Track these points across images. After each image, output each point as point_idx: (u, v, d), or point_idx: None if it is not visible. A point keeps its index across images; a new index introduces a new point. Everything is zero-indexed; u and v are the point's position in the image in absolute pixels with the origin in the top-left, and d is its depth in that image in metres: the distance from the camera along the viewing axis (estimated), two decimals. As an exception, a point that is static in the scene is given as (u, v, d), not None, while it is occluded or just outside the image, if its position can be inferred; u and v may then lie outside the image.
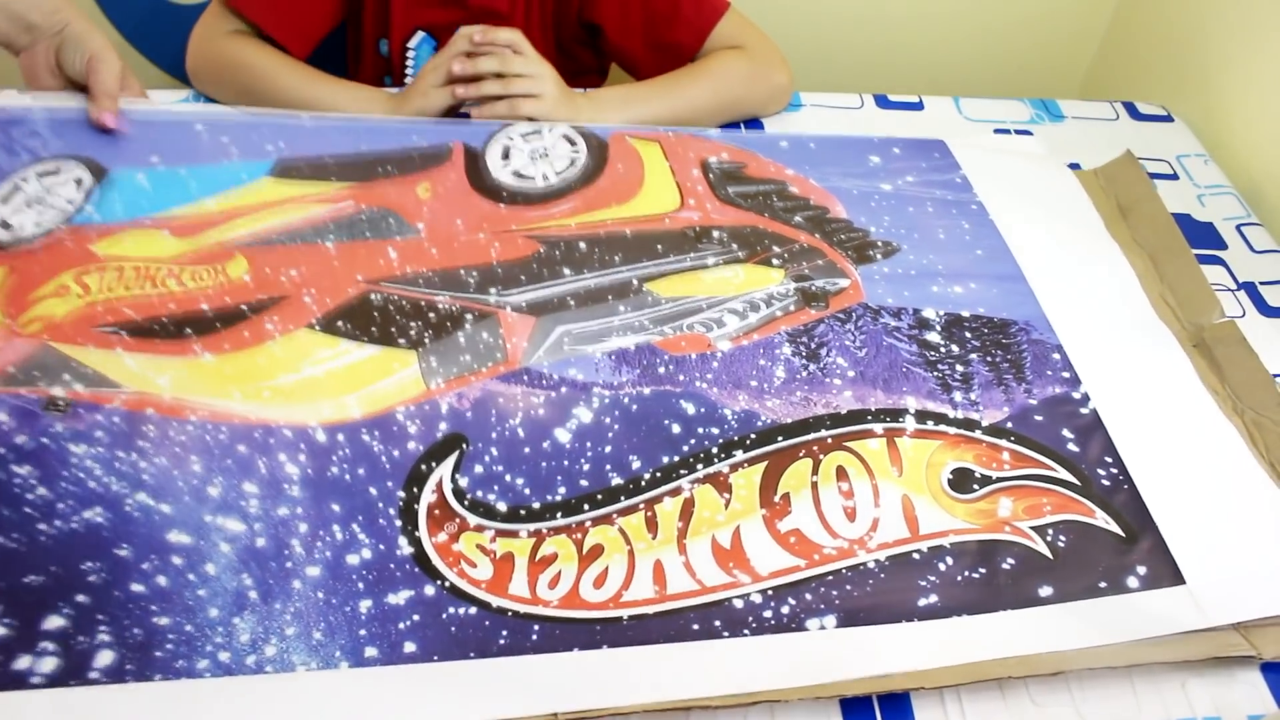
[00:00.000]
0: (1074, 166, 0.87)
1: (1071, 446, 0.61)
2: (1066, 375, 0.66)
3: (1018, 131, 0.92)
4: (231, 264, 0.66)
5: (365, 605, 0.50)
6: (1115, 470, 0.60)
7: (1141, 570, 0.55)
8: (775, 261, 0.70)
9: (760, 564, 0.53)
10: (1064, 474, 0.60)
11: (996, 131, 0.91)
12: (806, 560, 0.54)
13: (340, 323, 0.62)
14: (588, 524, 0.54)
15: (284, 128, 0.76)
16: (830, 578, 0.53)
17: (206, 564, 0.50)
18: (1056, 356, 0.67)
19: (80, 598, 0.48)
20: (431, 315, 0.63)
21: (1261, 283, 0.78)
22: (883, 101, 0.94)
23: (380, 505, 0.54)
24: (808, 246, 0.72)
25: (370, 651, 0.48)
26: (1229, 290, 0.77)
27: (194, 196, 0.71)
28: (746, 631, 0.50)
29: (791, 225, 0.73)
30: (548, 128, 0.77)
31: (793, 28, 0.94)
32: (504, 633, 0.49)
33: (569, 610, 0.50)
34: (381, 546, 0.52)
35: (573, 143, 0.76)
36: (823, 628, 0.51)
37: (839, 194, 0.77)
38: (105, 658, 0.47)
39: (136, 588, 0.49)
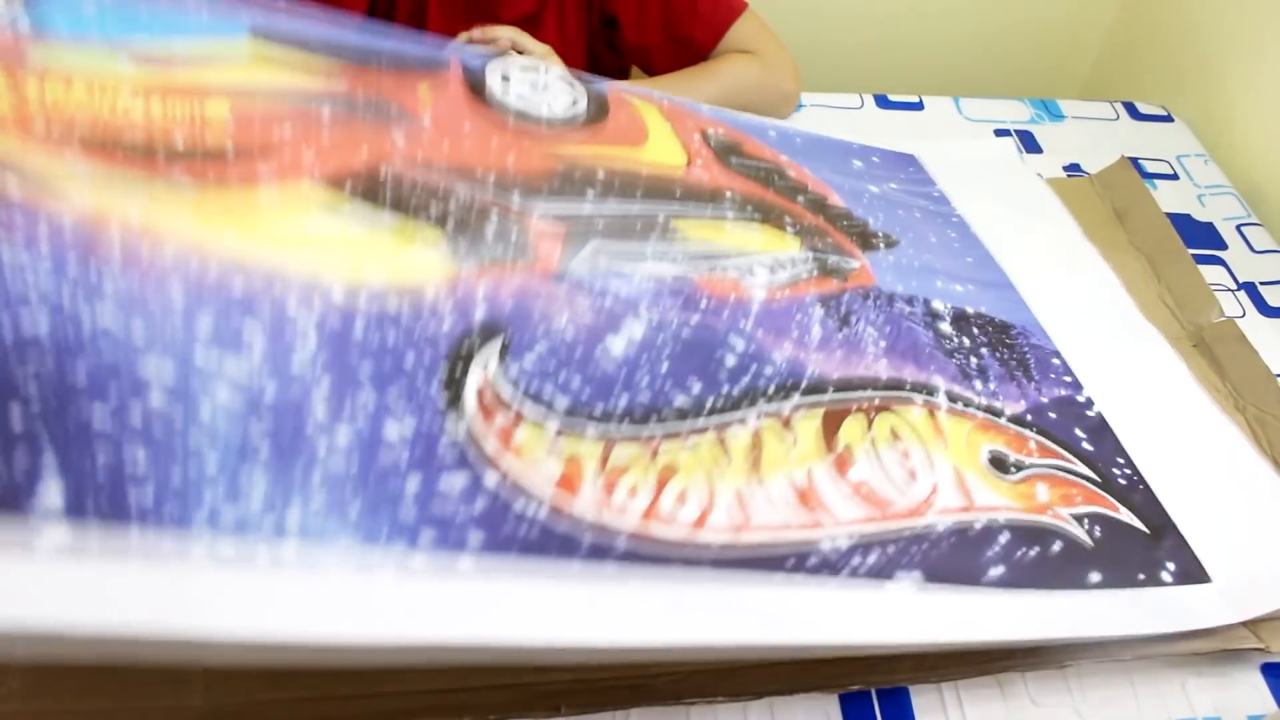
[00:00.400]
0: (1074, 166, 0.88)
1: (1086, 445, 0.61)
2: (1068, 379, 0.65)
3: (1018, 131, 0.92)
4: (211, 103, 0.53)
5: (413, 482, 0.41)
6: (1129, 471, 0.60)
7: (1171, 566, 0.55)
8: (790, 231, 0.67)
9: (838, 510, 0.50)
10: (1084, 469, 0.59)
11: (997, 132, 0.91)
12: (881, 513, 0.51)
13: (350, 184, 0.52)
14: (659, 438, 0.48)
15: (260, 10, 0.64)
16: (906, 534, 0.50)
17: (197, 402, 0.39)
18: (1056, 361, 0.66)
19: (12, 410, 0.35)
20: (451, 203, 0.54)
21: (1261, 283, 0.78)
22: (883, 101, 0.94)
23: (419, 379, 0.45)
24: (814, 225, 0.70)
25: (428, 534, 0.40)
26: (1229, 290, 0.77)
27: (158, 34, 0.56)
28: (837, 575, 0.47)
29: (796, 204, 0.72)
30: (544, 66, 0.74)
31: (793, 28, 0.94)
32: (586, 541, 0.43)
33: (653, 527, 0.45)
34: (426, 422, 0.43)
35: (571, 86, 0.72)
36: (909, 584, 0.48)
37: (832, 186, 0.76)
38: (53, 493, 0.34)
39: (98, 412, 0.36)
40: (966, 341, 0.65)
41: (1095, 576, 0.53)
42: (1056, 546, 0.54)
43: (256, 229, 0.47)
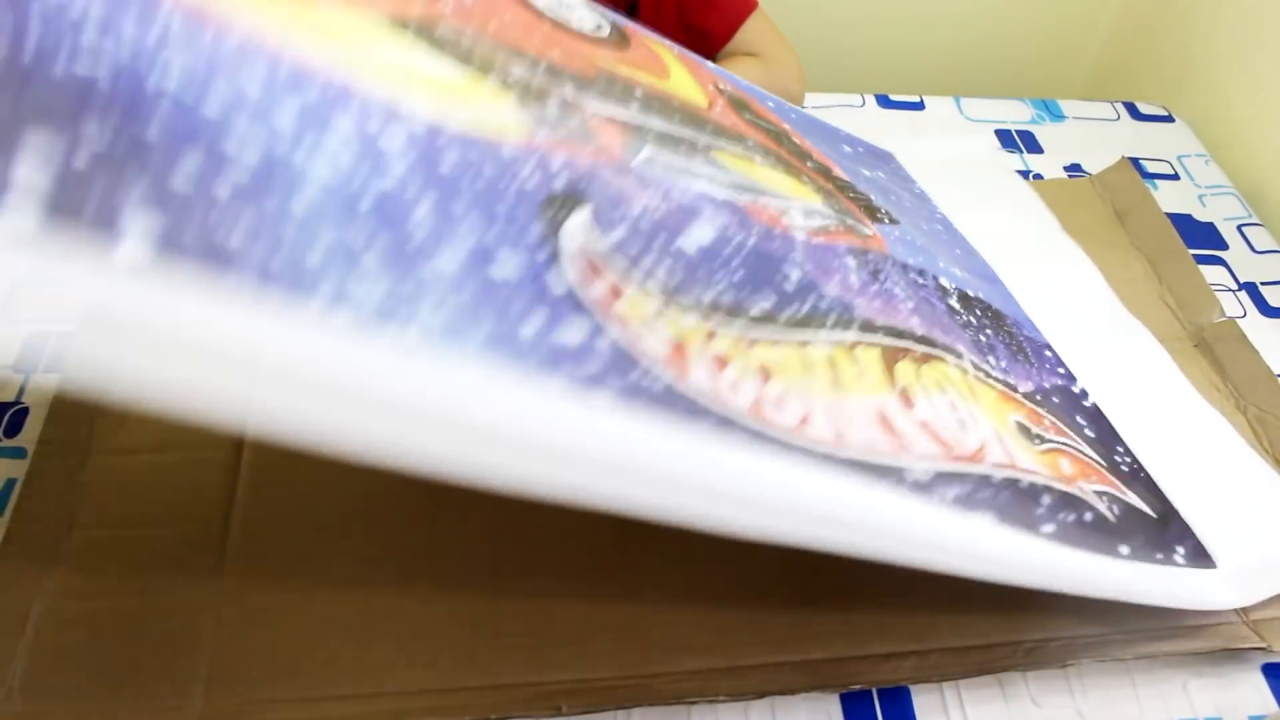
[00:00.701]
0: (1074, 166, 0.88)
1: (1088, 431, 0.61)
2: (1062, 371, 0.66)
3: (1018, 131, 0.91)
4: None
5: (530, 327, 0.38)
6: (1129, 459, 0.60)
7: (1180, 550, 0.55)
8: (809, 185, 0.66)
9: (913, 443, 0.49)
10: (1091, 451, 0.59)
11: (997, 132, 0.91)
12: (948, 452, 0.50)
13: (411, 27, 0.46)
14: (750, 338, 0.46)
15: None
16: (973, 476, 0.50)
17: (295, 183, 0.35)
18: (1049, 354, 0.67)
19: (84, 127, 0.32)
20: (513, 72, 0.50)
21: (1262, 283, 0.78)
22: (884, 101, 0.94)
23: (517, 225, 0.41)
24: (827, 188, 0.69)
25: (560, 382, 0.37)
26: (1230, 290, 0.77)
27: None
28: (929, 500, 0.47)
29: (807, 166, 0.72)
30: None
31: (794, 29, 0.94)
32: (711, 411, 0.41)
33: (763, 424, 0.43)
34: (533, 268, 0.40)
35: (593, 10, 0.70)
36: (986, 522, 0.48)
37: (832, 160, 0.76)
38: (143, 221, 0.31)
39: (189, 154, 0.33)
40: (973, 320, 0.65)
41: (1124, 549, 0.53)
42: (1088, 516, 0.54)
43: (322, 35, 0.41)
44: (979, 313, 0.66)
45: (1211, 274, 0.77)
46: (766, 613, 0.53)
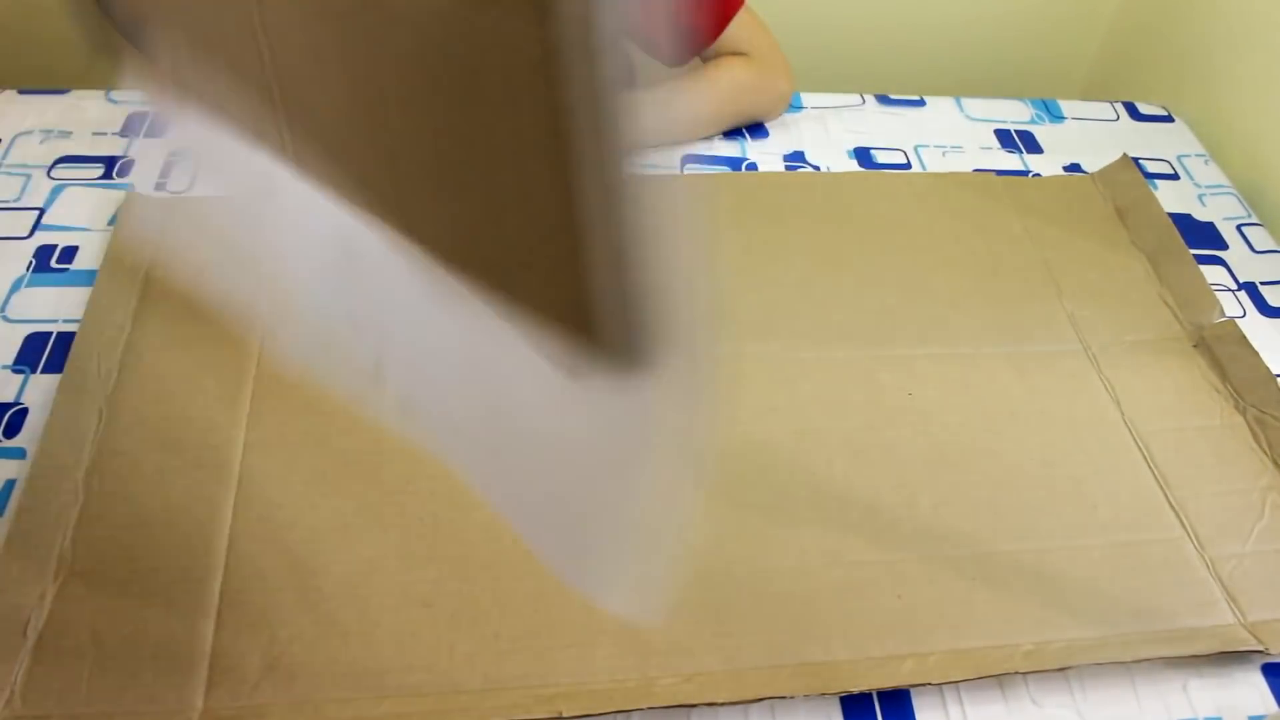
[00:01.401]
0: (1074, 166, 0.87)
1: None
2: None
3: (1018, 132, 0.91)
4: None
5: None
6: None
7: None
8: None
9: None
10: None
11: (997, 132, 0.91)
12: None
13: None
14: None
15: None
16: None
17: None
18: None
19: None
20: None
21: (1262, 283, 0.78)
22: (884, 100, 0.94)
23: None
24: None
25: None
26: (1229, 290, 0.77)
27: None
28: None
29: None
30: None
31: (794, 29, 0.94)
32: None
33: None
34: None
35: None
36: None
37: None
38: None
39: None
40: None
41: None
42: None
43: None
44: None
45: (1211, 274, 0.77)
46: (765, 616, 0.53)
